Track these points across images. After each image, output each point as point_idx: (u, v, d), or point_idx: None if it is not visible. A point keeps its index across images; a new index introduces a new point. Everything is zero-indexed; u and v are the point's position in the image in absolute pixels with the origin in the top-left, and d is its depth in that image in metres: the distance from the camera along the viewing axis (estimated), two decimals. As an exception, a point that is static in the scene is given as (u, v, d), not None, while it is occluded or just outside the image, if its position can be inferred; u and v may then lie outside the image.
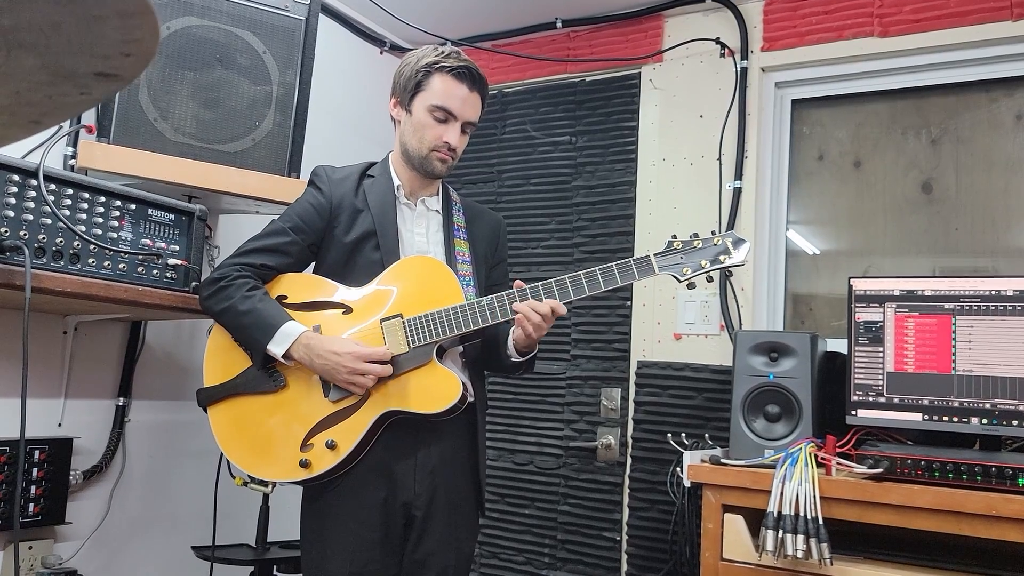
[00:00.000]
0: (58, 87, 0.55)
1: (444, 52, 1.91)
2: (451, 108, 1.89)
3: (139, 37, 0.47)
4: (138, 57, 0.51)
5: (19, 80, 0.53)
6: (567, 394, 2.94)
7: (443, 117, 1.89)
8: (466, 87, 1.90)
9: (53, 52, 0.49)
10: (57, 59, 0.51)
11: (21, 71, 0.52)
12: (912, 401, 2.02)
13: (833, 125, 2.79)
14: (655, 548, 2.67)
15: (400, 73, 1.94)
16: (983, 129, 2.56)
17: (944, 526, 1.74)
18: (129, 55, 0.50)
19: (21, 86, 0.55)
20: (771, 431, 2.08)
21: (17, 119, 0.60)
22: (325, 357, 1.74)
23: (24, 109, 0.59)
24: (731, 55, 2.82)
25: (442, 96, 1.88)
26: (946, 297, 2.02)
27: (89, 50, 0.49)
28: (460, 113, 1.90)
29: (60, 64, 0.51)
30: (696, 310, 2.72)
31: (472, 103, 1.92)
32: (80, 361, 2.21)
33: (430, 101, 1.88)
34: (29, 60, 0.50)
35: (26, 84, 0.54)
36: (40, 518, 2.04)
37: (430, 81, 1.89)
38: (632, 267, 1.79)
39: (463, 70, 1.89)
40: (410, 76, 1.90)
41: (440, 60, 1.89)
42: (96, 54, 0.50)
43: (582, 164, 3.04)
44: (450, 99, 1.88)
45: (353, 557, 1.77)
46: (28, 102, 0.57)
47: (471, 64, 1.91)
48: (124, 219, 1.90)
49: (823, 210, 2.79)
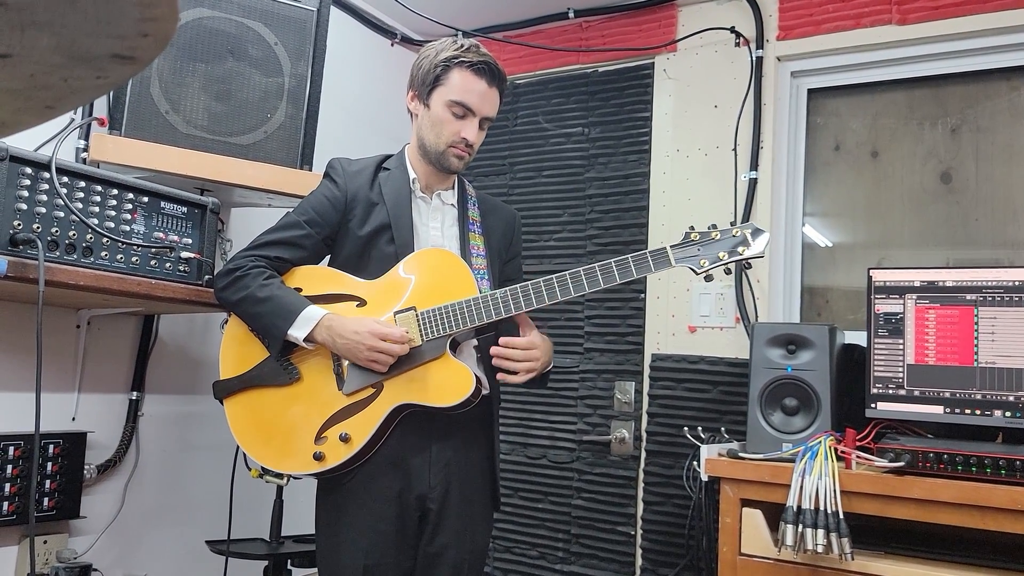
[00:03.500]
0: (74, 70, 0.54)
1: (463, 46, 1.88)
2: (470, 104, 1.86)
3: (157, 15, 0.46)
4: (156, 38, 0.49)
5: (34, 62, 0.52)
6: (580, 387, 2.92)
7: (461, 113, 1.87)
8: (485, 82, 1.87)
9: (69, 31, 0.48)
10: (73, 39, 0.49)
11: (36, 52, 0.50)
12: (933, 394, 1.99)
13: (850, 115, 2.76)
14: (670, 543, 2.65)
15: (418, 66, 1.91)
16: (1003, 118, 2.52)
17: (968, 521, 1.71)
18: (147, 35, 0.48)
19: (36, 69, 0.53)
20: (789, 424, 2.05)
21: (31, 104, 0.58)
22: (347, 336, 1.73)
23: (39, 93, 0.57)
24: (746, 44, 2.78)
25: (461, 91, 1.86)
26: (968, 288, 1.99)
27: (106, 29, 0.47)
28: (479, 109, 1.87)
29: (76, 45, 0.50)
30: (711, 302, 2.70)
31: (491, 99, 1.90)
32: (93, 355, 2.20)
33: (449, 96, 1.86)
34: (44, 40, 0.48)
35: (41, 67, 0.53)
36: (54, 512, 2.03)
37: (449, 76, 1.86)
38: (648, 259, 1.76)
39: (483, 65, 1.86)
40: (429, 70, 1.88)
41: (459, 55, 1.86)
42: (113, 34, 0.49)
43: (595, 155, 3.01)
44: (469, 95, 1.86)
45: (368, 550, 1.77)
46: (43, 85, 0.56)
47: (490, 59, 1.88)
48: (137, 212, 1.89)
49: (840, 201, 2.76)
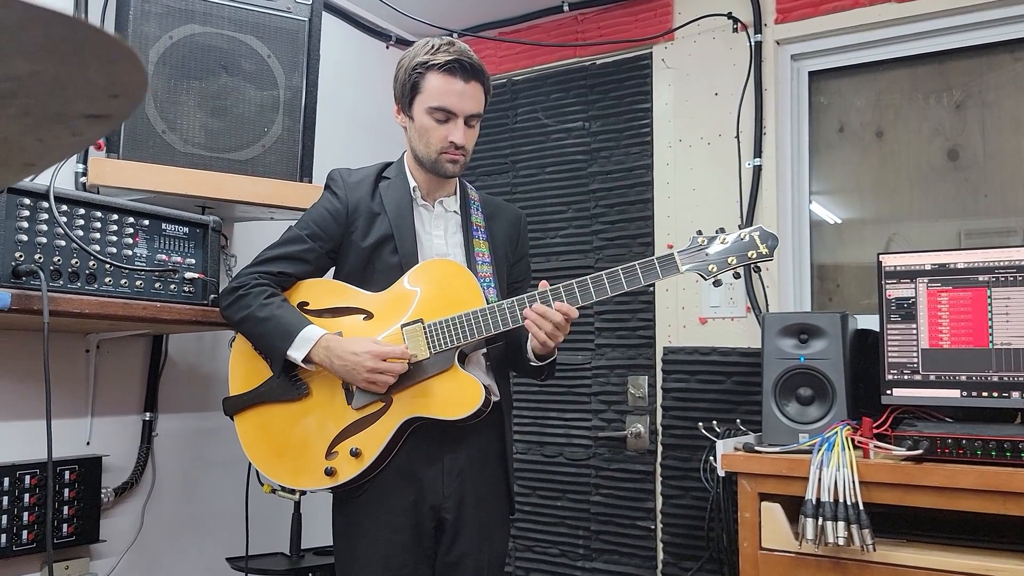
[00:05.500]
0: (48, 131, 0.53)
1: (434, 47, 1.82)
2: (449, 106, 1.81)
3: (125, 80, 0.44)
4: (127, 97, 0.48)
5: (5, 127, 0.51)
6: (593, 384, 2.91)
7: (444, 117, 1.82)
8: (460, 81, 1.81)
9: (36, 99, 0.47)
10: (43, 104, 0.48)
11: (5, 118, 0.49)
12: (949, 378, 1.96)
13: (852, 95, 2.72)
14: (691, 535, 2.64)
15: (396, 79, 1.88)
16: (1009, 91, 2.48)
17: (989, 506, 1.69)
18: (117, 96, 0.47)
19: (9, 132, 0.52)
20: (804, 415, 2.03)
21: (9, 164, 0.57)
22: (344, 358, 1.72)
23: (16, 154, 0.56)
24: (744, 29, 2.75)
25: (438, 96, 1.81)
26: (980, 269, 1.96)
27: (74, 94, 0.46)
28: (459, 109, 1.82)
29: (46, 109, 0.49)
30: (721, 293, 2.67)
31: (471, 95, 1.83)
32: (104, 378, 2.20)
33: (427, 103, 1.82)
34: (11, 108, 0.47)
35: (13, 130, 0.52)
36: (74, 538, 2.04)
37: (424, 82, 1.82)
38: (656, 266, 1.73)
39: (454, 64, 1.80)
40: (404, 81, 1.85)
41: (430, 58, 1.81)
42: (82, 97, 0.47)
43: (597, 150, 2.99)
44: (446, 97, 1.81)
45: (386, 562, 1.77)
46: (19, 147, 0.55)
47: (462, 55, 1.82)
48: (138, 236, 1.89)
49: (846, 183, 2.72)
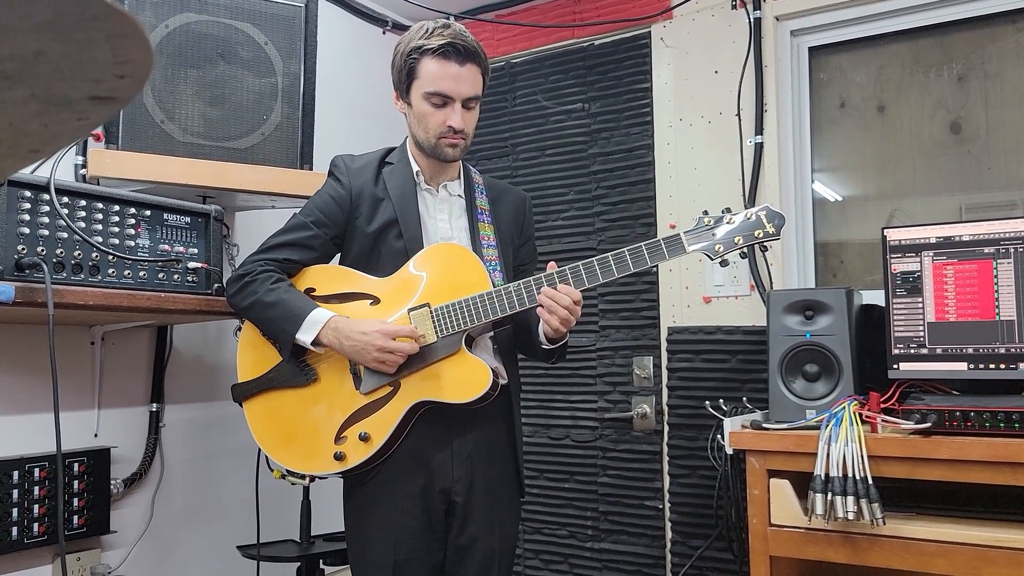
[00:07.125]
0: (53, 115, 0.52)
1: (428, 31, 1.81)
2: (445, 91, 1.80)
3: (132, 58, 0.44)
4: (133, 78, 0.47)
5: (10, 111, 0.50)
6: (599, 365, 2.91)
7: (441, 102, 1.81)
8: (455, 64, 1.79)
9: (42, 80, 0.46)
10: (47, 87, 0.47)
11: (10, 102, 0.48)
12: (956, 351, 1.96)
13: (853, 70, 2.70)
14: (699, 514, 2.65)
15: (392, 65, 1.87)
16: (1011, 62, 2.47)
17: (999, 478, 1.69)
18: (123, 76, 0.46)
19: (14, 117, 0.51)
20: (811, 391, 2.03)
21: (15, 150, 0.57)
22: (354, 338, 1.72)
23: (21, 140, 0.55)
24: (743, 6, 2.72)
25: (433, 80, 1.80)
26: (985, 241, 1.95)
27: (80, 75, 0.46)
28: (456, 93, 1.80)
29: (51, 92, 0.48)
30: (725, 272, 2.66)
31: (467, 78, 1.81)
32: (110, 370, 2.20)
33: (423, 88, 1.81)
34: (17, 91, 0.46)
35: (19, 115, 0.51)
36: (85, 529, 2.04)
37: (419, 68, 1.81)
38: (662, 247, 1.73)
39: (448, 47, 1.78)
40: (400, 67, 1.84)
41: (424, 43, 1.79)
42: (88, 78, 0.47)
43: (597, 131, 2.97)
44: (442, 81, 1.79)
45: (396, 546, 1.77)
46: (24, 132, 0.54)
47: (456, 38, 1.79)
48: (140, 226, 1.88)
49: (848, 159, 2.71)
